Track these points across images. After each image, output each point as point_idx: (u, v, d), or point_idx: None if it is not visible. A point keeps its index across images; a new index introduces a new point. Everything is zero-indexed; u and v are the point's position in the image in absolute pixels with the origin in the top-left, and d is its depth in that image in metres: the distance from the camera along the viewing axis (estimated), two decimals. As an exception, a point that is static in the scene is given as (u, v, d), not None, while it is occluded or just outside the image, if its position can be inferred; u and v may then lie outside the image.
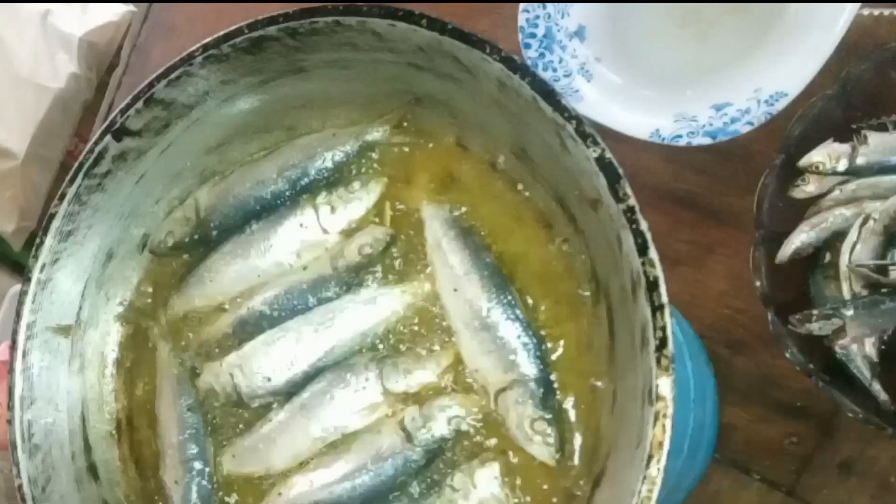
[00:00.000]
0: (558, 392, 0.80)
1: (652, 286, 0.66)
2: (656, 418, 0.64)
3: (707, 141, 1.07)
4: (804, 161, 0.95)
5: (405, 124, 0.91)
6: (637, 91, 1.13)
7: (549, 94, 0.72)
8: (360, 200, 0.88)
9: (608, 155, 0.69)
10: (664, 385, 0.65)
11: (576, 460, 0.78)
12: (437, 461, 0.80)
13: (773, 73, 1.04)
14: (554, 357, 0.81)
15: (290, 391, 0.85)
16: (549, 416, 0.76)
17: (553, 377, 0.81)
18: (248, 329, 0.88)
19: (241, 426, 0.87)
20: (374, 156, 0.90)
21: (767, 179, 0.98)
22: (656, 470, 0.64)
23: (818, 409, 1.00)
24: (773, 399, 1.03)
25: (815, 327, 0.88)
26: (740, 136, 1.04)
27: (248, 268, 0.90)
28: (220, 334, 0.90)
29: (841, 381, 0.92)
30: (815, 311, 0.87)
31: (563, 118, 0.71)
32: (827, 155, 0.95)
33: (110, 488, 0.90)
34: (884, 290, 0.88)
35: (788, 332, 0.90)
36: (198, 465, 0.87)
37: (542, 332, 0.81)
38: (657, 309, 0.66)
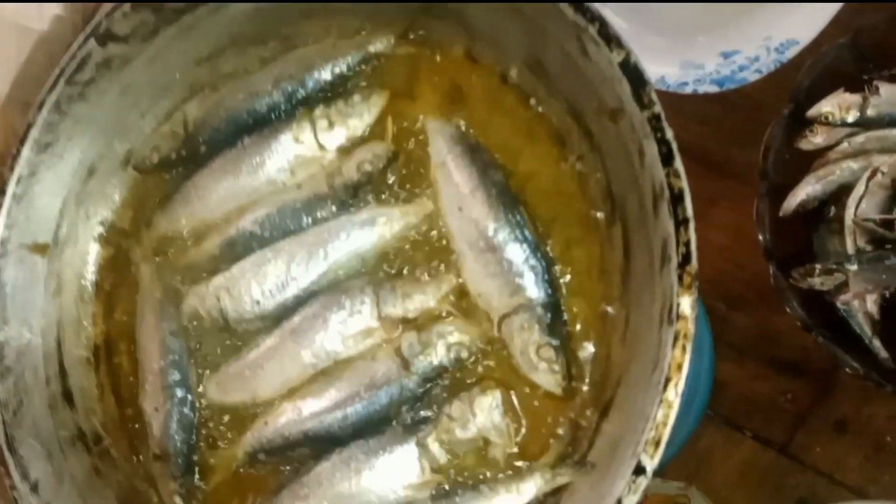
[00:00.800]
0: (566, 318, 0.77)
1: (677, 198, 0.63)
2: (676, 338, 0.61)
3: (714, 89, 1.04)
4: (813, 111, 0.93)
5: (411, 34, 0.86)
6: (644, 37, 1.09)
7: (569, -6, 0.67)
8: (360, 115, 0.83)
9: (633, 58, 0.66)
10: (686, 304, 0.62)
11: (584, 388, 0.76)
12: (434, 390, 0.77)
13: (784, 20, 1.01)
14: (563, 281, 0.78)
15: (280, 315, 0.82)
16: (555, 343, 0.74)
17: (561, 302, 0.77)
18: (237, 250, 0.84)
19: (226, 352, 0.84)
20: (377, 68, 0.86)
21: (774, 130, 0.94)
22: (674, 393, 0.61)
23: (815, 367, 0.99)
24: (769, 356, 1.02)
25: (818, 282, 0.87)
26: (747, 85, 1.02)
27: (238, 185, 0.86)
28: (206, 256, 0.86)
29: (841, 338, 0.89)
30: (818, 266, 0.87)
31: (584, 19, 0.68)
32: (837, 105, 0.93)
33: (86, 415, 0.87)
34: (888, 246, 0.88)
35: (790, 286, 0.89)
36: (179, 392, 0.84)
37: (552, 255, 0.78)
38: (682, 223, 0.63)
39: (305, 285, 0.82)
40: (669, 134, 0.63)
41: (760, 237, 0.95)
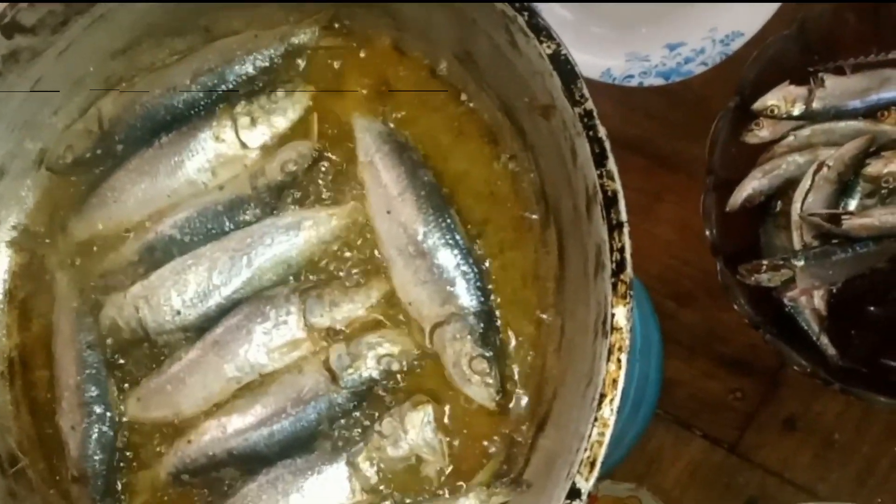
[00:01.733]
0: (500, 327, 0.75)
1: (610, 202, 0.59)
2: (610, 352, 0.58)
3: (659, 81, 1.04)
4: (758, 104, 0.92)
5: (336, 25, 0.82)
6: (588, 28, 1.09)
7: (496, -19, 0.63)
8: (283, 111, 0.81)
9: (564, 51, 0.62)
10: (620, 315, 0.58)
11: (519, 403, 0.73)
12: (364, 405, 0.75)
13: (728, 11, 1.01)
14: (496, 288, 0.75)
15: (202, 326, 0.79)
16: (489, 354, 0.72)
17: (495, 311, 0.75)
18: (156, 256, 0.81)
19: (146, 366, 0.81)
20: (301, 61, 0.83)
21: (720, 123, 0.94)
22: (609, 411, 0.58)
23: (764, 365, 1.00)
24: (718, 353, 1.02)
25: (765, 278, 0.87)
26: (693, 78, 1.02)
27: (156, 187, 0.83)
28: (124, 262, 0.83)
29: (788, 335, 0.89)
30: (764, 262, 0.86)
31: (513, 9, 0.64)
32: (782, 98, 0.92)
33: (0, 434, 0.83)
34: (835, 241, 0.88)
35: (737, 283, 0.89)
36: (98, 409, 0.80)
37: (484, 261, 0.76)
38: (615, 227, 0.59)
39: (228, 294, 0.79)
40: (602, 132, 0.60)
41: (707, 233, 0.94)
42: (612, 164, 0.60)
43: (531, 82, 0.66)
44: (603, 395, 0.58)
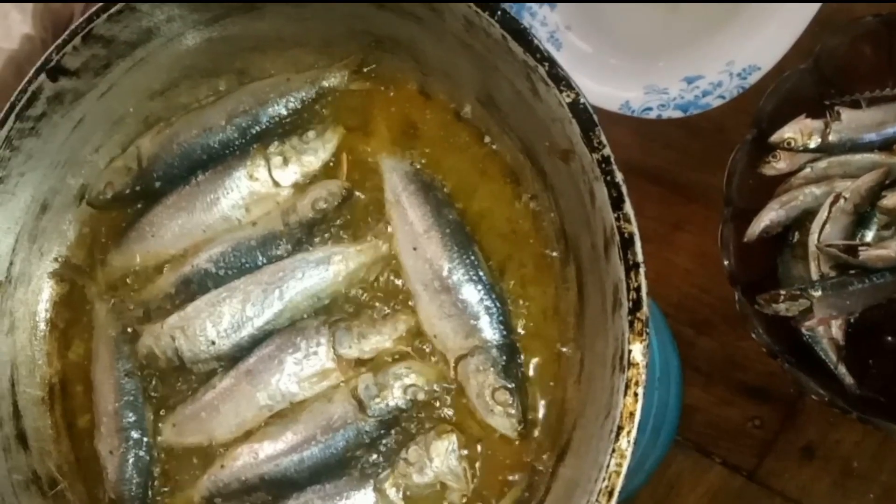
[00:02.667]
0: (522, 360, 0.76)
1: (626, 243, 0.61)
2: (627, 386, 0.60)
3: (678, 114, 1.05)
4: (776, 137, 0.93)
5: (364, 69, 0.85)
6: (607, 60, 1.10)
7: (519, 33, 0.66)
8: (314, 151, 0.83)
9: (583, 100, 0.64)
10: (637, 351, 0.60)
11: (539, 433, 0.74)
12: (391, 433, 0.76)
13: (746, 45, 1.02)
14: (518, 322, 0.77)
15: (236, 356, 0.81)
16: (511, 386, 0.73)
17: (517, 344, 0.76)
18: (192, 288, 0.83)
19: (182, 393, 0.83)
20: (331, 103, 0.85)
21: (738, 155, 0.95)
22: (626, 443, 0.59)
23: (782, 393, 1.00)
24: (736, 381, 1.03)
25: (782, 308, 0.87)
26: (711, 110, 1.02)
27: (192, 222, 0.85)
28: (161, 294, 0.85)
29: (806, 364, 0.89)
30: (782, 292, 0.86)
31: (534, 59, 0.66)
32: (799, 131, 0.93)
33: (41, 458, 0.85)
34: (852, 272, 0.88)
35: (755, 312, 0.89)
36: (135, 434, 0.82)
37: (507, 296, 0.77)
38: (632, 268, 0.61)
39: (261, 325, 0.80)
40: (619, 177, 0.62)
41: (725, 262, 0.95)
42: (628, 207, 0.62)
43: (551, 128, 0.68)
44: (620, 428, 0.59)
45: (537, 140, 0.73)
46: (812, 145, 0.92)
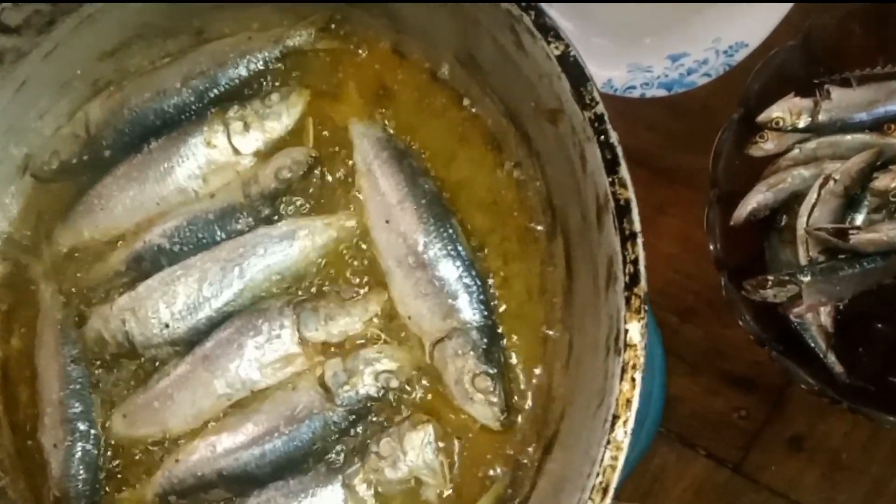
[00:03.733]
0: (504, 343, 0.72)
1: (622, 211, 0.57)
2: (624, 370, 0.55)
3: (662, 93, 1.03)
4: (763, 116, 0.91)
5: (333, 27, 0.80)
6: (590, 39, 1.07)
7: (501, -21, 0.60)
8: (278, 116, 0.79)
9: (573, 52, 0.59)
10: (634, 331, 0.55)
11: (523, 423, 0.71)
12: (361, 423, 0.73)
13: (733, 22, 1.00)
14: (500, 302, 0.73)
15: (192, 340, 0.77)
16: (493, 371, 0.69)
17: (499, 326, 0.72)
18: (144, 266, 0.79)
19: (133, 381, 0.79)
20: (296, 64, 0.81)
21: (724, 135, 0.93)
22: (622, 433, 0.55)
23: (769, 382, 0.99)
24: (722, 370, 1.01)
25: (770, 294, 0.85)
26: (696, 89, 1.00)
27: (145, 194, 0.81)
28: (111, 273, 0.81)
29: (794, 353, 0.88)
30: (770, 277, 0.85)
31: (519, 8, 0.61)
32: (788, 110, 0.91)
33: None
34: (841, 256, 0.87)
35: (742, 298, 0.88)
36: (82, 426, 0.78)
37: (488, 273, 0.73)
38: (628, 238, 0.56)
39: (219, 306, 0.77)
40: (614, 137, 0.57)
41: (711, 247, 0.93)
42: (624, 170, 0.57)
43: (538, 85, 0.63)
44: (616, 417, 0.55)
45: (522, 101, 0.68)
46: (801, 125, 0.91)
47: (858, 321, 0.89)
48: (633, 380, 0.55)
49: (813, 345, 0.88)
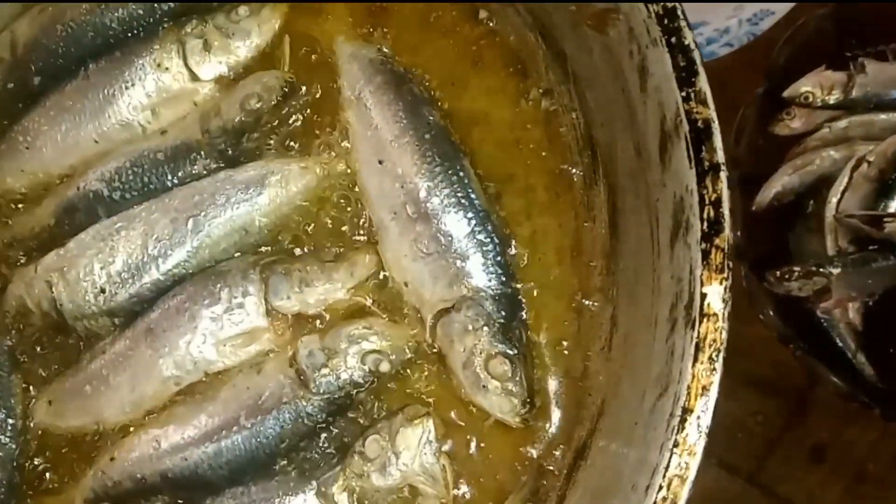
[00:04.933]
0: (526, 317, 0.64)
1: (700, 135, 0.47)
2: (699, 349, 0.46)
3: None
4: (791, 91, 0.88)
5: None
6: None
7: None
8: (246, 34, 0.71)
9: None
10: (714, 295, 0.46)
11: (551, 419, 0.62)
12: (342, 417, 0.67)
13: None
14: (522, 265, 0.65)
15: (134, 310, 0.70)
16: (512, 352, 0.62)
17: (519, 294, 0.64)
18: (78, 218, 0.73)
19: (62, 360, 0.73)
20: None
21: (747, 112, 0.89)
22: (696, 432, 0.46)
23: (790, 385, 0.93)
24: (739, 370, 0.99)
25: (795, 286, 0.82)
26: (714, 62, 0.94)
27: (80, 130, 0.74)
28: (38, 227, 0.74)
29: (820, 352, 0.84)
30: (796, 268, 0.81)
31: None
32: (818, 84, 0.87)
33: None
34: (873, 247, 0.83)
35: (764, 290, 0.84)
36: None
37: (507, 228, 0.65)
38: (708, 171, 0.47)
39: (168, 268, 0.70)
40: (689, 37, 0.47)
41: (730, 234, 0.88)
42: (703, 81, 0.47)
43: None
44: (687, 411, 0.46)
45: (557, 6, 0.60)
46: (832, 101, 0.87)
47: (891, 319, 0.85)
48: (713, 360, 0.46)
49: (841, 344, 0.85)
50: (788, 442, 0.94)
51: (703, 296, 0.45)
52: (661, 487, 0.45)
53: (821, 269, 0.82)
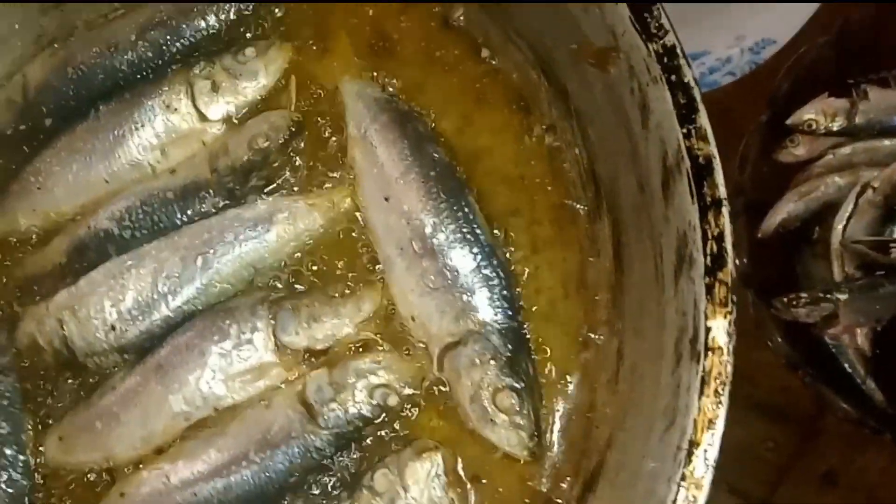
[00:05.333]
0: (533, 350, 0.64)
1: (702, 171, 0.48)
2: (705, 382, 0.46)
3: None
4: (794, 118, 0.88)
5: None
6: None
7: None
8: (254, 74, 0.72)
9: None
10: (719, 329, 0.46)
11: (557, 452, 0.62)
12: (350, 451, 0.66)
13: (758, 17, 0.95)
14: (528, 299, 0.65)
15: (144, 346, 0.70)
16: (519, 386, 0.62)
17: (526, 328, 0.64)
18: (89, 257, 0.72)
19: (73, 397, 0.72)
20: (277, 12, 0.75)
21: (751, 140, 0.90)
22: (703, 466, 0.46)
23: (800, 411, 0.93)
24: (747, 396, 0.95)
25: (803, 313, 0.82)
26: (716, 90, 0.95)
27: (91, 170, 0.74)
28: (50, 265, 0.74)
29: (829, 378, 0.84)
30: (803, 294, 0.82)
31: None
32: (821, 111, 0.88)
33: None
34: (880, 272, 0.83)
35: (771, 317, 0.85)
36: (8, 450, 0.71)
37: (513, 263, 0.65)
38: (710, 206, 0.48)
39: (178, 305, 0.70)
40: (689, 75, 0.48)
41: (737, 261, 0.91)
42: (703, 118, 0.48)
43: (582, 19, 0.55)
44: (694, 444, 0.46)
45: (558, 44, 0.60)
46: (835, 128, 0.87)
47: None
48: (719, 394, 0.46)
49: (850, 369, 0.84)
50: (799, 468, 0.93)
51: (708, 329, 0.45)
52: (668, 525, 0.44)
53: (828, 296, 0.81)
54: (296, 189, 0.71)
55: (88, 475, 0.70)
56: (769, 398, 0.94)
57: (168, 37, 0.75)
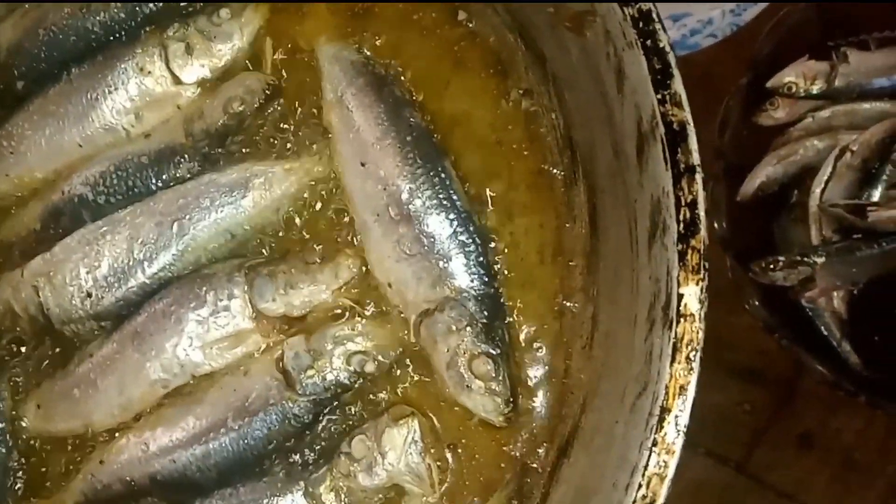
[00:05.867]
0: (509, 317, 0.63)
1: (676, 137, 0.47)
2: (676, 349, 0.46)
3: None
4: (774, 81, 0.88)
5: None
6: None
7: None
8: (228, 36, 0.71)
9: None
10: (691, 295, 0.46)
11: (532, 418, 0.62)
12: (328, 417, 0.66)
13: None
14: (504, 265, 0.64)
15: (120, 313, 0.70)
16: (495, 352, 0.62)
17: (502, 295, 0.63)
18: (63, 223, 0.73)
19: (51, 364, 0.72)
20: None
21: (731, 103, 0.90)
22: (675, 431, 0.46)
23: (777, 374, 0.94)
24: (725, 361, 0.95)
25: (780, 276, 0.83)
26: (697, 53, 0.95)
27: (64, 134, 0.74)
28: (24, 231, 0.74)
29: (805, 341, 0.85)
30: (781, 258, 0.82)
31: None
32: (801, 74, 0.88)
33: None
34: (858, 236, 0.83)
35: (749, 281, 0.85)
36: None
37: (489, 230, 0.65)
38: (684, 173, 0.47)
39: (154, 271, 0.70)
40: (665, 40, 0.47)
41: (716, 225, 0.88)
42: (678, 84, 0.47)
43: None
44: (665, 410, 0.46)
45: (536, 8, 0.59)
46: (815, 91, 0.88)
47: (875, 307, 0.86)
48: (690, 360, 0.46)
49: (826, 333, 0.85)
50: (776, 431, 0.94)
51: (680, 296, 0.45)
52: (640, 486, 0.45)
53: (805, 259, 0.82)
54: (272, 154, 0.70)
55: (68, 443, 0.70)
56: (746, 361, 0.95)
57: (141, -4, 0.71)
